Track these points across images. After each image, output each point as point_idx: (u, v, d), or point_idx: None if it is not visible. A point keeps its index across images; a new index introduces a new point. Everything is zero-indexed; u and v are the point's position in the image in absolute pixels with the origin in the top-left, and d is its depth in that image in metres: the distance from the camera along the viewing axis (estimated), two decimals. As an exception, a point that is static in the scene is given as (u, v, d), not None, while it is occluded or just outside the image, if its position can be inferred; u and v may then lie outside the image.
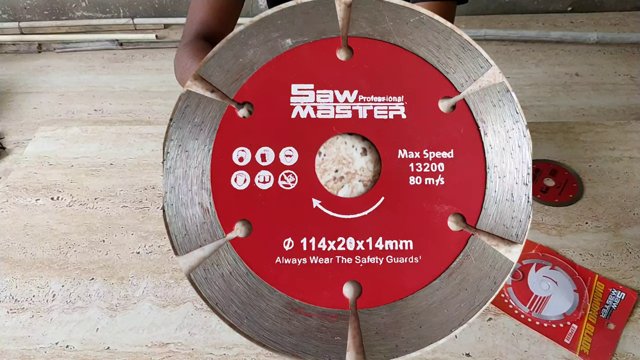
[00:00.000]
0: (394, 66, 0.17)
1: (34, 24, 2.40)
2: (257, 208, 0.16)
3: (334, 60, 0.17)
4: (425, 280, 0.17)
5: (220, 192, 0.17)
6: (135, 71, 2.19)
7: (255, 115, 0.17)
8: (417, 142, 0.17)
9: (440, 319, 0.16)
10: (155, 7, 2.43)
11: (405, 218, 0.17)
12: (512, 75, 2.06)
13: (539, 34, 2.22)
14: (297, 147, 0.17)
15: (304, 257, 0.16)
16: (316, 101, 0.17)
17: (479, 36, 2.24)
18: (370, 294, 0.16)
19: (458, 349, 0.54)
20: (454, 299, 0.16)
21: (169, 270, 0.62)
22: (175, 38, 2.34)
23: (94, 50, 2.33)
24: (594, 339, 0.54)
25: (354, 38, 0.17)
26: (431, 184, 0.17)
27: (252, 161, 0.17)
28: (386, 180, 0.17)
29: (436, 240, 0.17)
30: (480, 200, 0.16)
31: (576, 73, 2.08)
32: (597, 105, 1.91)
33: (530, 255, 0.62)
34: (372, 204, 0.17)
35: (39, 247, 0.65)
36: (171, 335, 0.56)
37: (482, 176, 0.17)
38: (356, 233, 0.17)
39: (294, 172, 0.17)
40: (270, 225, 0.17)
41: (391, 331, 0.16)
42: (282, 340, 0.17)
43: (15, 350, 0.55)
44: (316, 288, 0.16)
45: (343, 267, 0.16)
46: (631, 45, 2.21)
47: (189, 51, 0.62)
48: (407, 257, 0.17)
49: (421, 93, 0.17)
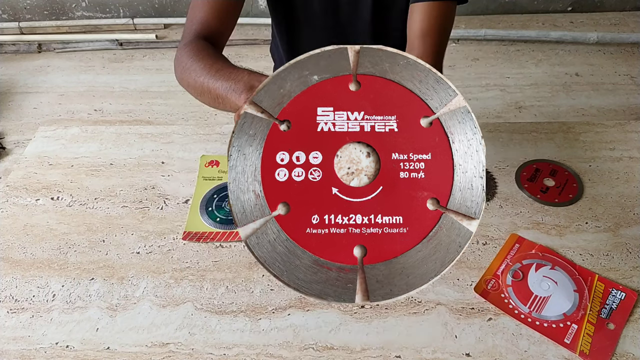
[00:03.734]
0: (389, 95, 0.25)
1: (34, 24, 2.40)
2: (293, 194, 0.24)
3: (347, 91, 0.25)
4: (410, 245, 0.24)
5: (268, 183, 0.24)
6: (135, 71, 2.19)
7: (292, 129, 0.24)
8: (405, 147, 0.24)
9: (421, 272, 0.23)
10: (155, 7, 2.43)
11: (397, 201, 0.24)
12: (512, 75, 2.06)
13: (538, 34, 2.22)
14: (322, 152, 0.25)
15: (326, 229, 0.24)
16: (334, 119, 0.25)
17: (479, 36, 2.24)
18: (373, 254, 0.23)
19: (458, 349, 0.54)
20: (431, 257, 0.23)
21: (169, 270, 0.62)
22: (175, 38, 2.34)
23: (94, 50, 2.33)
24: (594, 339, 0.54)
25: (361, 75, 0.25)
26: (415, 177, 0.24)
27: (289, 161, 0.24)
28: (384, 174, 0.24)
29: (419, 216, 0.24)
30: (449, 188, 0.24)
31: (576, 73, 2.08)
32: (597, 105, 1.91)
33: (530, 255, 0.62)
34: (374, 191, 0.24)
35: (39, 247, 0.65)
36: (171, 335, 0.56)
37: (450, 171, 0.24)
38: (363, 211, 0.24)
39: (319, 169, 0.24)
40: (303, 206, 0.24)
41: (387, 280, 0.23)
42: (311, 287, 0.23)
43: (15, 350, 0.55)
44: (335, 250, 0.24)
45: (353, 235, 0.24)
46: (631, 45, 2.21)
47: (189, 51, 0.63)
48: (398, 228, 0.24)
49: (408, 114, 0.25)
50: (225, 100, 0.54)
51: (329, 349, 0.54)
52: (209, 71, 0.57)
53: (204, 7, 0.67)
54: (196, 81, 0.59)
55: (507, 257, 0.62)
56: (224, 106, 0.56)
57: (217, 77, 0.56)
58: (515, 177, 0.72)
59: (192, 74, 0.60)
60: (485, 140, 0.24)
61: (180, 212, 0.69)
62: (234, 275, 0.61)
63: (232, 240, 0.65)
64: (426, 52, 0.65)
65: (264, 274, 0.61)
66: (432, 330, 0.55)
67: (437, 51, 0.66)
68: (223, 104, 0.55)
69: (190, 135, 0.82)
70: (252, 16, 2.36)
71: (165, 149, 0.79)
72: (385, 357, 0.53)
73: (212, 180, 0.73)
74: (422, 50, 0.65)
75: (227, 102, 0.54)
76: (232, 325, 0.56)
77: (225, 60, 0.61)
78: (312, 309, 0.57)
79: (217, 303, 0.58)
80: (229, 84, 0.53)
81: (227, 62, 0.60)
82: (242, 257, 0.63)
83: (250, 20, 2.32)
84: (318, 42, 0.85)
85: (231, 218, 0.64)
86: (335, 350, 0.54)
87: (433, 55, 0.66)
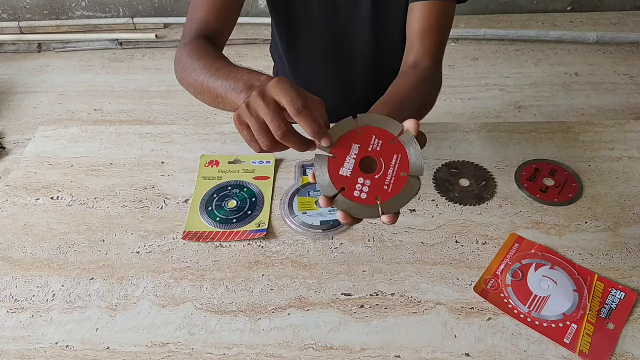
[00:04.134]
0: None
1: (34, 24, 2.40)
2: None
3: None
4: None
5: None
6: (135, 71, 2.19)
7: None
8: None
9: (403, 202, 0.42)
10: (155, 7, 2.43)
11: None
12: (512, 75, 2.06)
13: (538, 34, 2.22)
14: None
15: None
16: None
17: (478, 36, 2.24)
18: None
19: (458, 349, 0.54)
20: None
21: (169, 270, 0.62)
22: (175, 38, 2.34)
23: (94, 50, 2.33)
24: (594, 338, 0.54)
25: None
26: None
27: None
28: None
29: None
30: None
31: (576, 73, 2.08)
32: (596, 105, 1.91)
33: (530, 255, 0.62)
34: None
35: (39, 247, 0.65)
36: (171, 335, 0.56)
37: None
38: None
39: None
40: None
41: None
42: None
43: (15, 350, 0.55)
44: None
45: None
46: (631, 45, 2.21)
47: (189, 50, 0.63)
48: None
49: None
50: (225, 99, 0.54)
51: (329, 349, 0.54)
52: (209, 70, 0.57)
53: (204, 7, 0.67)
54: (196, 80, 0.59)
55: (507, 257, 0.62)
56: (223, 105, 0.56)
57: (217, 77, 0.56)
58: (515, 177, 0.72)
59: (192, 73, 0.60)
60: (485, 140, 0.34)
61: (180, 212, 0.69)
62: (234, 275, 0.61)
63: (232, 240, 0.65)
64: (426, 51, 0.65)
65: (264, 274, 0.61)
66: (432, 330, 0.55)
67: (436, 50, 0.66)
68: (223, 103, 0.55)
69: (190, 135, 0.82)
70: (252, 16, 2.36)
71: (165, 149, 0.79)
72: (385, 357, 0.53)
73: (212, 180, 0.73)
74: (422, 50, 0.66)
75: (227, 102, 0.54)
76: (232, 325, 0.56)
77: (225, 59, 0.61)
78: (312, 309, 0.58)
79: (217, 303, 0.58)
80: (228, 83, 0.53)
81: (227, 61, 0.60)
82: (242, 257, 0.63)
83: (250, 20, 2.32)
84: (317, 42, 0.85)
85: (231, 218, 0.68)
86: (335, 350, 0.54)
87: (433, 54, 0.66)
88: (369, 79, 0.88)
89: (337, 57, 0.84)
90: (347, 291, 0.59)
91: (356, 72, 0.87)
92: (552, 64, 2.14)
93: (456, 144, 0.78)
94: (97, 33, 2.40)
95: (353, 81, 0.88)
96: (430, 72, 0.64)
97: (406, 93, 0.57)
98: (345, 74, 0.87)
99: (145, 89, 2.07)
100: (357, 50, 0.83)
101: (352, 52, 0.83)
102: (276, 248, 0.64)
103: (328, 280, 0.60)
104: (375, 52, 0.82)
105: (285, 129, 0.44)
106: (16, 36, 2.37)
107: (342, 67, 0.86)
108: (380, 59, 0.84)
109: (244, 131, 0.47)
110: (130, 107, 1.99)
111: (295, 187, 0.71)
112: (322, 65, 0.87)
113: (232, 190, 0.72)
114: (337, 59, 0.85)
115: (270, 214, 0.68)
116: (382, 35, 0.80)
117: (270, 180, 0.73)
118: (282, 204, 0.70)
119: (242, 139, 0.80)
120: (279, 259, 0.63)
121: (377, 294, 0.59)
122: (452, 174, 0.73)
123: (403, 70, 0.66)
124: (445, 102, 1.94)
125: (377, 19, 0.77)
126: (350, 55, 0.84)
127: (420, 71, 0.64)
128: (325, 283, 0.60)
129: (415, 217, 0.68)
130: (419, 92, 0.59)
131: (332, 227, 0.65)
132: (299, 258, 0.63)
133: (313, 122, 0.43)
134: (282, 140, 0.44)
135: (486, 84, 2.04)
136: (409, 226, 0.66)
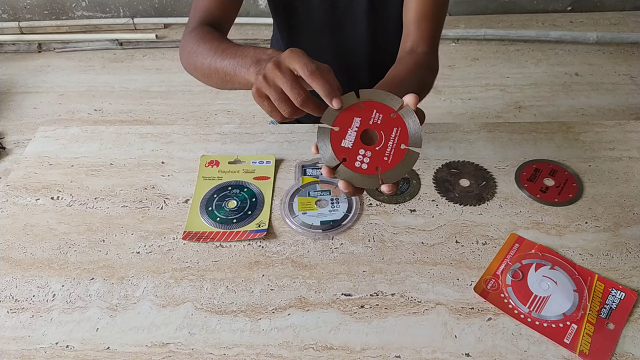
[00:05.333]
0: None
1: (34, 24, 2.40)
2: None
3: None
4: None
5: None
6: (135, 71, 2.19)
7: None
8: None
9: (404, 170, 0.45)
10: (155, 7, 2.43)
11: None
12: (512, 75, 2.06)
13: (538, 34, 2.22)
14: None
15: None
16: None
17: (478, 36, 2.24)
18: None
19: (458, 349, 0.54)
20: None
21: (169, 270, 0.62)
22: (175, 38, 2.34)
23: (94, 50, 2.33)
24: (594, 338, 0.54)
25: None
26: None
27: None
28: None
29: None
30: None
31: (576, 73, 2.08)
32: (596, 105, 1.91)
33: (530, 255, 0.62)
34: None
35: (39, 247, 0.65)
36: (171, 335, 0.56)
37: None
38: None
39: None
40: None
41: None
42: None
43: (15, 350, 0.55)
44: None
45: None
46: (631, 44, 2.20)
47: (195, 36, 0.65)
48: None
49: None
50: (234, 77, 0.56)
51: (329, 349, 0.54)
52: (215, 52, 0.60)
53: None
54: (203, 63, 0.61)
55: (507, 257, 0.62)
56: (232, 84, 0.58)
57: (224, 57, 0.58)
58: (515, 177, 0.72)
59: (199, 57, 0.62)
60: (485, 140, 0.37)
61: (180, 212, 0.69)
62: (234, 275, 0.61)
63: (232, 240, 0.65)
64: (422, 36, 0.67)
65: (264, 274, 0.61)
66: (432, 330, 0.55)
67: (432, 35, 0.68)
68: (232, 82, 0.58)
69: (190, 135, 0.82)
70: (252, 16, 2.36)
71: (165, 149, 0.79)
72: (385, 357, 0.53)
73: (212, 180, 0.73)
74: (418, 35, 0.67)
75: (236, 79, 0.56)
76: (232, 325, 0.56)
77: (229, 41, 0.63)
78: (312, 309, 0.58)
79: (217, 303, 0.58)
80: (236, 60, 0.56)
81: (232, 42, 0.62)
82: (242, 257, 0.63)
83: (250, 20, 2.32)
84: (317, 37, 0.86)
85: (231, 218, 0.68)
86: (335, 350, 0.54)
87: (428, 39, 0.67)
88: (369, 71, 0.89)
89: (337, 50, 0.85)
90: (347, 291, 0.59)
91: (356, 64, 0.88)
92: (552, 64, 2.14)
93: (456, 144, 0.78)
94: (97, 33, 2.40)
95: (353, 74, 0.89)
96: (427, 56, 0.66)
97: (404, 76, 0.59)
98: (345, 67, 0.88)
99: (145, 89, 2.06)
100: (355, 43, 0.83)
101: (351, 45, 0.84)
102: (276, 248, 0.64)
103: (328, 280, 0.60)
104: (373, 44, 0.83)
105: (304, 96, 0.47)
106: (16, 36, 2.37)
107: (341, 60, 0.87)
108: (379, 51, 0.85)
109: (264, 102, 0.50)
110: (130, 107, 1.99)
111: (295, 187, 0.71)
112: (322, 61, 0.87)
113: (232, 190, 0.72)
114: (336, 52, 0.86)
115: (270, 214, 0.68)
116: (380, 27, 0.81)
117: (270, 180, 0.73)
118: (282, 204, 0.70)
119: (242, 139, 0.80)
120: (279, 259, 0.63)
121: (377, 294, 0.59)
122: (452, 174, 0.73)
123: (400, 56, 0.67)
124: (445, 102, 1.94)
125: (375, 11, 0.78)
126: (350, 49, 0.85)
127: (417, 56, 0.65)
128: (325, 283, 0.60)
129: (415, 217, 0.68)
130: (417, 76, 0.61)
131: (332, 227, 0.65)
132: (299, 258, 0.63)
133: (325, 82, 0.46)
134: (302, 106, 0.47)
135: (486, 84, 2.04)
136: (409, 226, 0.66)
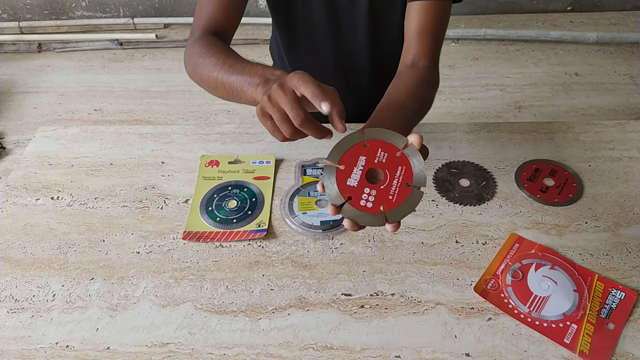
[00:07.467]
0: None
1: (34, 24, 2.40)
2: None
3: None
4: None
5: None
6: (135, 71, 2.18)
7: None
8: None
9: (407, 211, 0.44)
10: (155, 7, 2.43)
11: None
12: (512, 75, 2.06)
13: (538, 34, 2.22)
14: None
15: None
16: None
17: (478, 36, 2.24)
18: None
19: (458, 349, 0.54)
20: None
21: (169, 270, 0.62)
22: (175, 38, 2.34)
23: (94, 50, 2.33)
24: (594, 338, 0.54)
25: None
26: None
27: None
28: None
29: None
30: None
31: (576, 73, 2.08)
32: (596, 105, 1.91)
33: (530, 255, 0.62)
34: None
35: (39, 247, 0.65)
36: (171, 335, 0.56)
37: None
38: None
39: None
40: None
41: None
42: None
43: (15, 350, 0.55)
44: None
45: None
46: (630, 44, 2.20)
47: (200, 47, 0.65)
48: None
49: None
50: (242, 93, 0.57)
51: (329, 348, 0.54)
52: (223, 66, 0.60)
53: (210, 4, 0.69)
54: (210, 76, 0.62)
55: (507, 257, 0.62)
56: (239, 99, 0.59)
57: (231, 72, 0.58)
58: (515, 177, 0.72)
59: (205, 69, 0.63)
60: (485, 140, 0.36)
61: (180, 211, 0.69)
62: (234, 275, 0.61)
63: (232, 240, 0.65)
64: (423, 50, 0.66)
65: (264, 274, 0.61)
66: (432, 330, 0.55)
67: (433, 49, 0.67)
68: (238, 97, 0.58)
69: (190, 135, 0.82)
70: (252, 16, 2.36)
71: (165, 149, 0.79)
72: (385, 357, 0.53)
73: (212, 180, 0.73)
74: (419, 49, 0.66)
75: (244, 95, 0.56)
76: (232, 325, 0.56)
77: (236, 54, 0.63)
78: (312, 309, 0.58)
79: (217, 303, 0.58)
80: (243, 77, 0.56)
81: (239, 56, 0.63)
82: (242, 257, 0.63)
83: (250, 20, 2.32)
84: (316, 41, 0.86)
85: (231, 218, 0.68)
86: (335, 350, 0.54)
87: (430, 52, 0.67)
88: (369, 76, 0.88)
89: (336, 55, 0.85)
90: (347, 291, 0.59)
91: (355, 69, 0.87)
92: (552, 64, 2.14)
93: (456, 144, 0.78)
94: (97, 33, 2.40)
95: (353, 79, 0.89)
96: (428, 71, 0.65)
97: (406, 95, 0.59)
98: (344, 72, 0.87)
99: (145, 89, 2.06)
100: (356, 48, 0.83)
101: (351, 50, 0.84)
102: (276, 248, 0.64)
103: (328, 280, 0.60)
104: (373, 49, 0.83)
105: (303, 116, 0.47)
106: (16, 36, 2.37)
107: (341, 65, 0.86)
108: (379, 57, 0.85)
109: (267, 122, 0.50)
110: (130, 107, 1.99)
111: (295, 187, 0.71)
112: (321, 64, 0.87)
113: (232, 190, 0.72)
114: (336, 57, 0.85)
115: (270, 214, 0.68)
116: (380, 32, 0.80)
117: (270, 180, 0.73)
118: (282, 203, 0.70)
119: (242, 139, 0.80)
120: (279, 259, 0.63)
121: (377, 294, 0.59)
122: (452, 174, 0.73)
123: (401, 70, 0.67)
124: (445, 102, 1.94)
125: (375, 16, 0.77)
126: (350, 53, 0.84)
127: (418, 70, 0.65)
128: (325, 283, 0.60)
129: (415, 217, 0.68)
130: (418, 93, 0.61)
131: (332, 227, 0.65)
132: (299, 258, 0.63)
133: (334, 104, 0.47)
134: (301, 127, 0.48)
135: (486, 84, 2.04)
136: (409, 226, 0.66)
